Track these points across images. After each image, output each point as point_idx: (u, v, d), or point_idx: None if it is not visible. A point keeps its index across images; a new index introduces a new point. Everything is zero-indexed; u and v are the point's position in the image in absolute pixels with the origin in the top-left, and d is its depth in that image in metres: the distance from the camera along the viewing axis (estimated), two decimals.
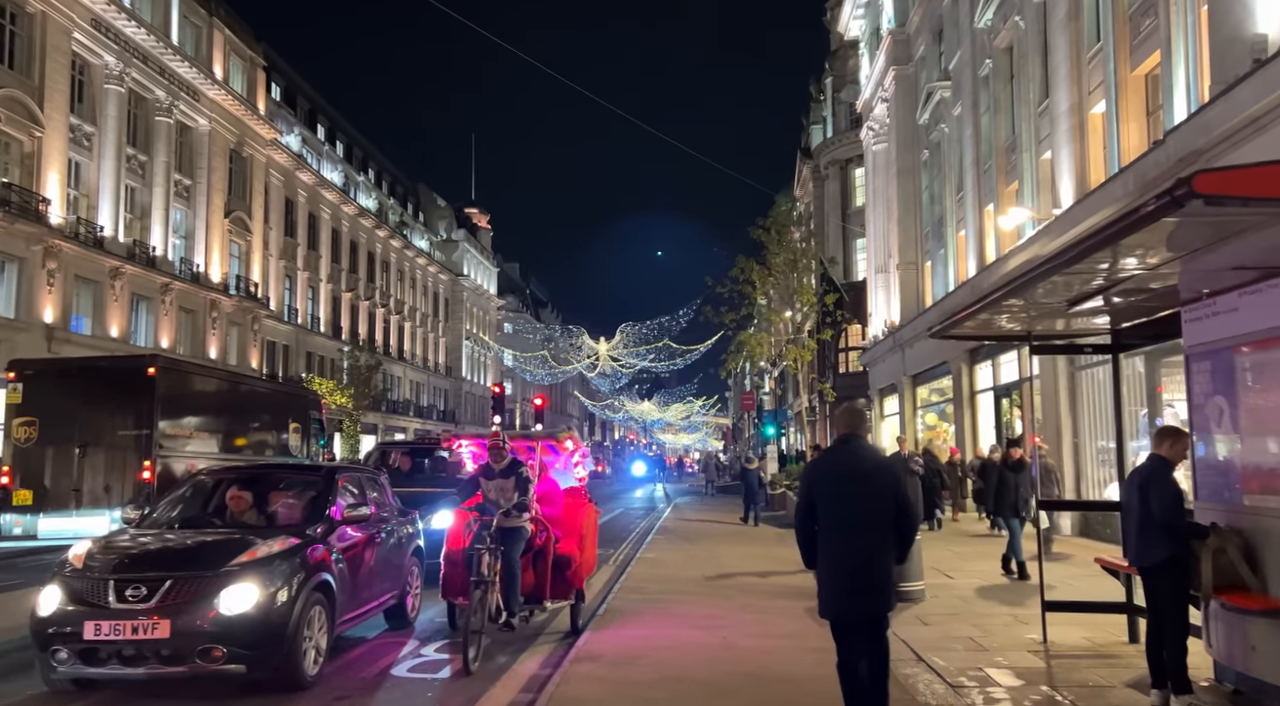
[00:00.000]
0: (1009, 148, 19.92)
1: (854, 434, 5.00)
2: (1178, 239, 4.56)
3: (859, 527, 4.70)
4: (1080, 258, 4.75)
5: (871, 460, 4.98)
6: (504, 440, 7.49)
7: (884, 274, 31.07)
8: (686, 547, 14.75)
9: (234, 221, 36.69)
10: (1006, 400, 19.93)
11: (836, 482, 4.84)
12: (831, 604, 4.79)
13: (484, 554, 6.79)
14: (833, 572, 4.76)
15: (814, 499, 4.88)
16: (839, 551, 4.74)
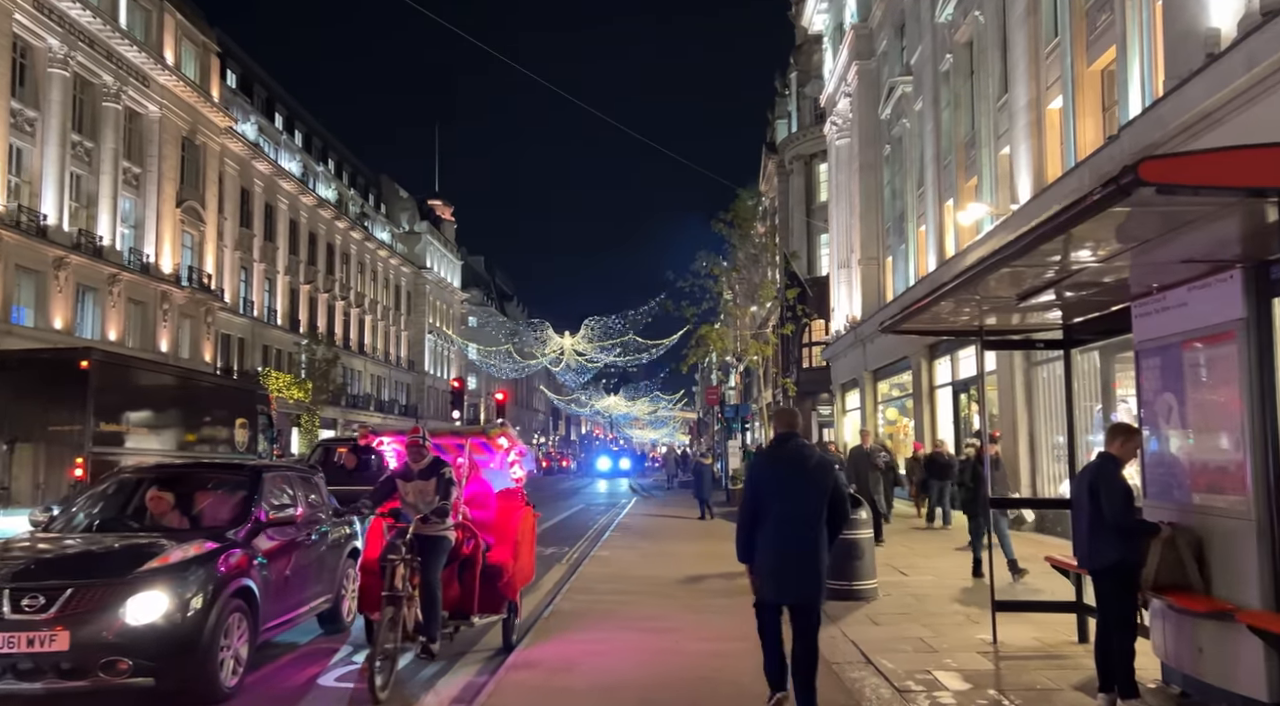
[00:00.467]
0: (969, 143, 19.92)
1: (793, 432, 5.32)
2: (1127, 230, 4.40)
3: (799, 521, 5.01)
4: (1029, 249, 4.58)
5: (812, 457, 5.24)
6: (424, 437, 6.61)
7: (846, 269, 31.09)
8: (642, 545, 14.53)
9: (186, 211, 35.76)
10: (965, 395, 19.97)
11: (779, 478, 5.13)
12: (771, 591, 5.08)
13: (397, 565, 5.93)
14: (773, 562, 5.03)
15: (759, 494, 5.16)
16: (780, 542, 5.01)
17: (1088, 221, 4.01)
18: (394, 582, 5.88)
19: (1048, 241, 4.40)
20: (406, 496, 6.52)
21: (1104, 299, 6.26)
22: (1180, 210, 3.98)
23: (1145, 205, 3.80)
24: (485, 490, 7.53)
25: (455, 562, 6.65)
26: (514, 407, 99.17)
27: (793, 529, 5.00)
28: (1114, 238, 4.60)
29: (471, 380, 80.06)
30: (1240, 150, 3.81)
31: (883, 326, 7.42)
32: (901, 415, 26.94)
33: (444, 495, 6.33)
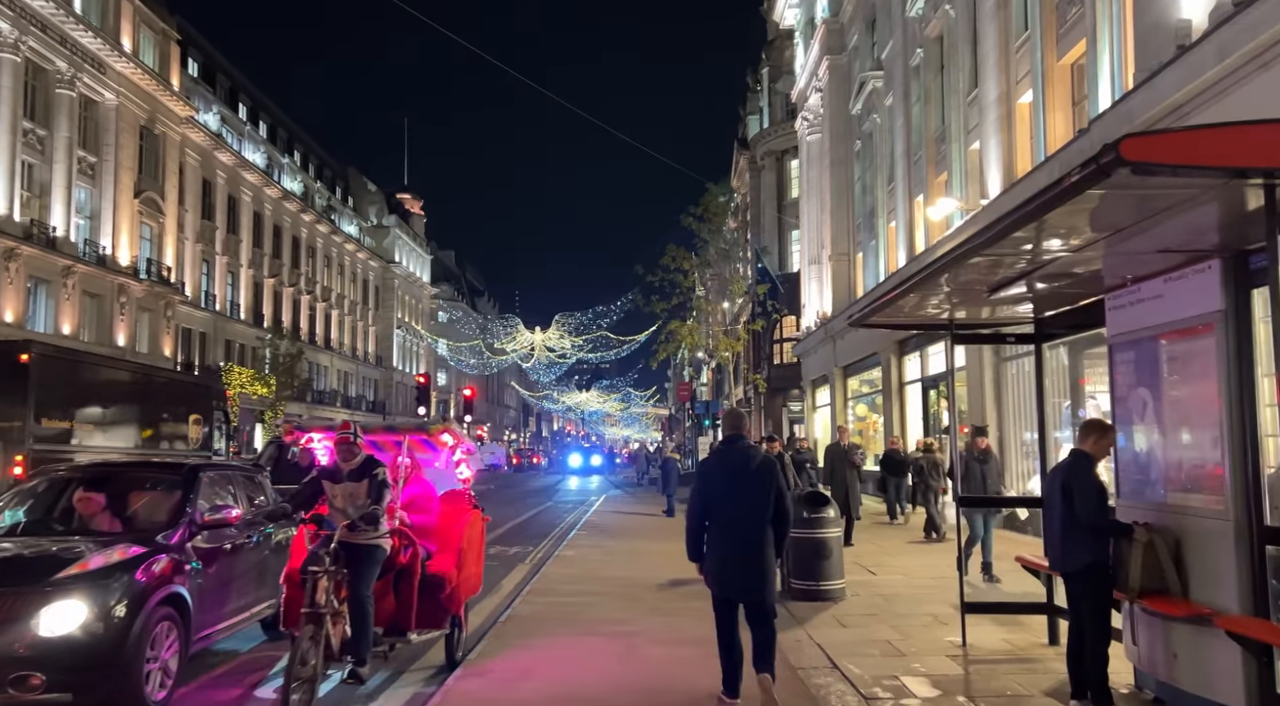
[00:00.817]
0: (939, 138, 19.83)
1: (739, 435, 5.52)
2: (1104, 217, 4.19)
3: (745, 522, 5.20)
4: (1003, 236, 4.35)
5: (756, 459, 5.38)
6: (356, 433, 5.88)
7: (817, 265, 31.00)
8: (608, 544, 14.25)
9: (145, 202, 34.86)
10: (934, 391, 19.90)
11: (726, 479, 5.31)
12: (719, 587, 5.28)
13: (320, 578, 5.23)
14: (721, 560, 5.24)
15: (706, 496, 5.35)
16: (728, 541, 5.22)
17: (1065, 206, 3.78)
18: (315, 597, 5.20)
19: (1022, 228, 4.18)
20: (334, 500, 5.81)
21: (1077, 291, 6.07)
22: (1159, 194, 3.76)
23: (1124, 188, 3.58)
24: (427, 492, 6.80)
25: (391, 573, 5.96)
26: (485, 404, 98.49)
27: (739, 530, 5.20)
28: (1089, 226, 4.39)
29: (441, 376, 79.36)
30: (1225, 128, 3.60)
31: (851, 320, 7.19)
32: (871, 411, 26.89)
33: (376, 498, 5.62)
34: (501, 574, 11.43)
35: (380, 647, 5.87)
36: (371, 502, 5.62)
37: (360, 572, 5.55)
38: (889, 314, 7.05)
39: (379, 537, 5.73)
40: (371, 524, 5.56)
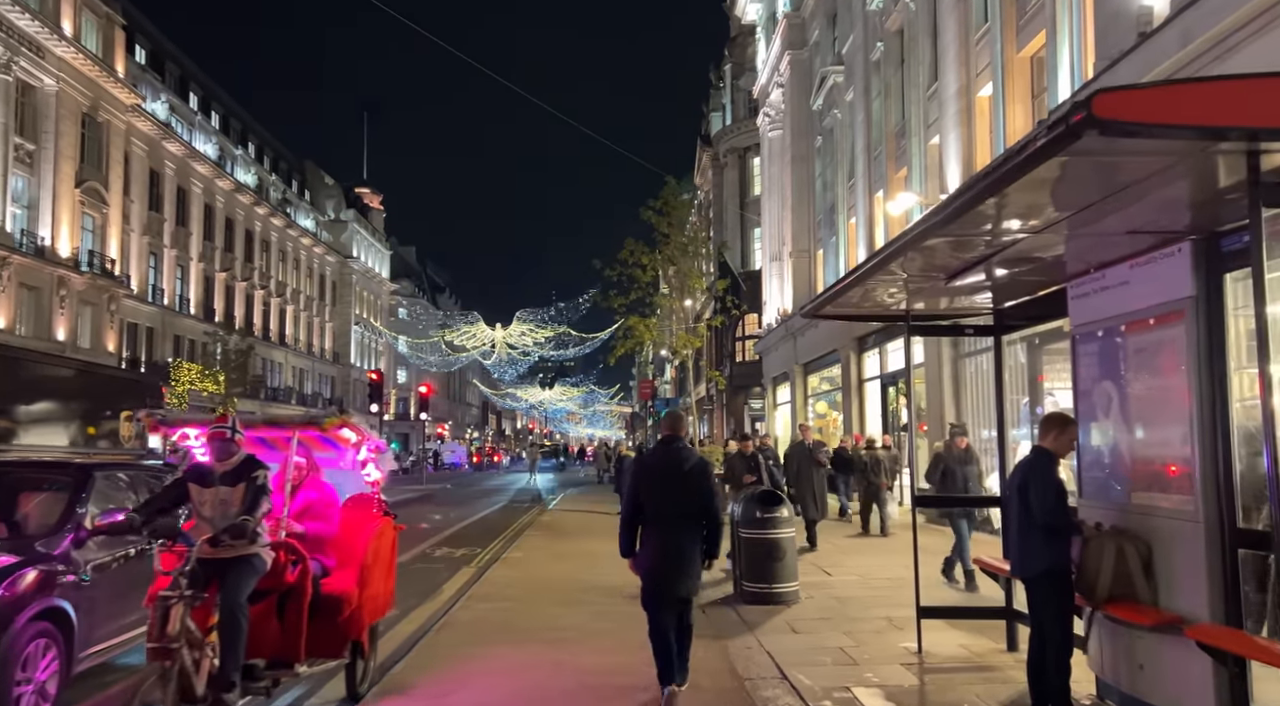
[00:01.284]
0: (899, 133, 19.64)
1: (676, 436, 5.65)
2: (1067, 192, 3.84)
3: (677, 519, 5.38)
4: (962, 212, 3.99)
5: (690, 460, 5.51)
6: (234, 427, 4.99)
7: (778, 262, 30.76)
8: (559, 544, 13.80)
9: (87, 192, 33.61)
10: (893, 388, 19.72)
11: (661, 479, 5.47)
12: (652, 584, 5.40)
13: (172, 605, 4.31)
14: (653, 557, 5.39)
15: (639, 495, 5.50)
16: (660, 539, 5.38)
17: (1030, 174, 3.41)
18: (165, 628, 4.28)
19: (983, 202, 3.81)
20: (202, 508, 4.88)
21: (1038, 279, 5.75)
22: (1130, 162, 3.41)
23: (1093, 154, 3.22)
24: (326, 498, 5.71)
25: (274, 594, 5.02)
26: (446, 402, 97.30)
27: (670, 528, 5.37)
28: (1053, 203, 4.04)
29: (401, 374, 78.17)
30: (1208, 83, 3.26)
31: (804, 310, 6.83)
32: (831, 408, 26.71)
33: (250, 507, 4.71)
34: (445, 577, 10.92)
35: (261, 683, 4.90)
36: (244, 512, 4.70)
37: (231, 582, 4.67)
38: (842, 304, 6.70)
39: (255, 549, 4.82)
40: (239, 537, 4.62)
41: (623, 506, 5.71)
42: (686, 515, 5.38)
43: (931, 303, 6.63)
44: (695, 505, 5.38)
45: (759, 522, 8.73)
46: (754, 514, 8.78)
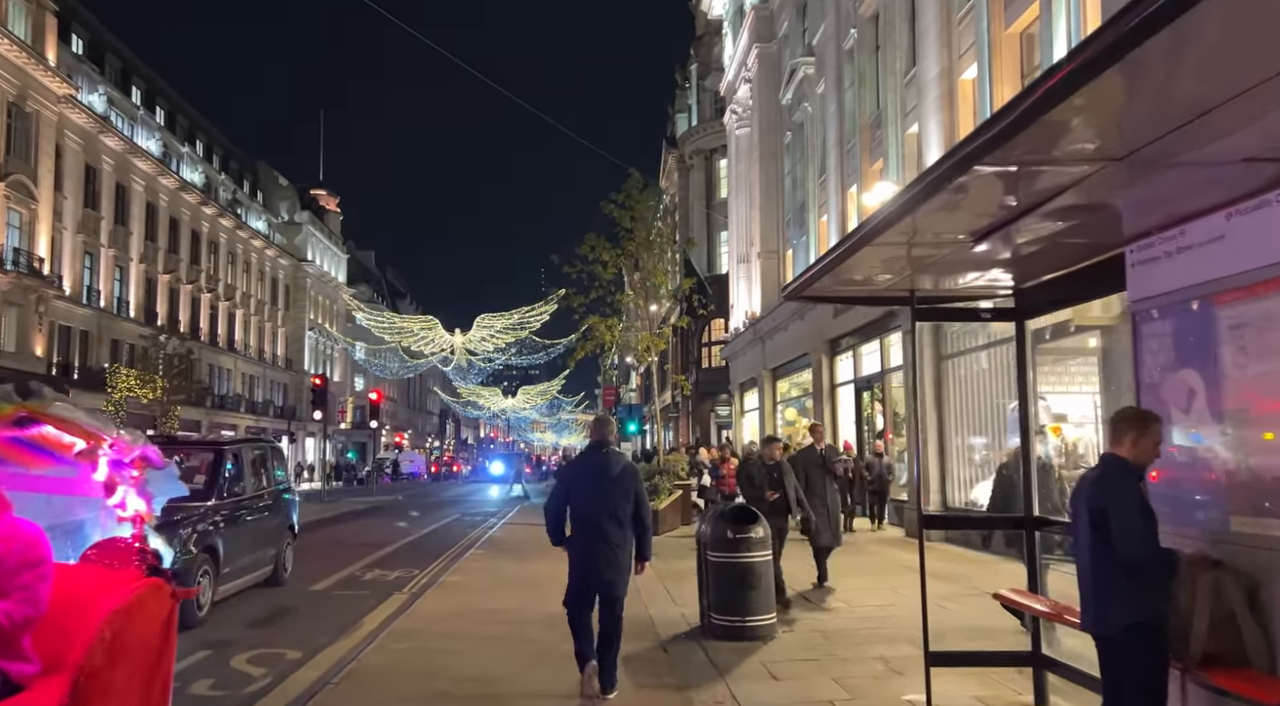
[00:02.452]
0: (874, 123, 18.63)
1: (603, 441, 5.88)
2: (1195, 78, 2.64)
3: (604, 520, 5.57)
4: (1031, 117, 2.76)
5: (617, 465, 5.76)
6: None
7: (746, 264, 29.71)
8: (505, 564, 12.42)
9: (13, 186, 31.53)
10: (868, 393, 18.65)
11: (588, 482, 5.69)
12: (578, 578, 5.68)
13: None
14: (580, 555, 5.65)
15: (571, 493, 5.75)
16: (587, 538, 5.60)
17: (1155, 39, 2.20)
18: None
19: (1069, 95, 2.57)
20: None
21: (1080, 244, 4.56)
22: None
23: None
24: (12, 549, 3.29)
25: None
26: (406, 410, 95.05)
27: (598, 530, 5.57)
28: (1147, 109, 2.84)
29: (359, 381, 75.94)
30: None
31: (788, 290, 5.59)
32: (801, 415, 25.63)
33: None
34: (370, 606, 9.52)
35: None
36: None
37: None
38: (835, 282, 5.47)
39: None
40: None
41: (547, 505, 5.84)
42: (614, 517, 5.57)
43: (942, 279, 5.43)
44: (623, 507, 5.60)
45: (729, 544, 7.48)
46: (724, 534, 7.53)
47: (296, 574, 11.27)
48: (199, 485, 9.08)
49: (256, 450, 10.57)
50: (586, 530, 5.60)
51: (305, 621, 8.86)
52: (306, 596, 10.24)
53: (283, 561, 10.74)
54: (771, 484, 8.72)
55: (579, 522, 5.66)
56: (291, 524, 11.25)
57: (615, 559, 5.60)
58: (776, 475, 8.78)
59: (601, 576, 5.58)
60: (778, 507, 8.47)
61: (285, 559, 10.85)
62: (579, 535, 5.65)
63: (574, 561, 5.68)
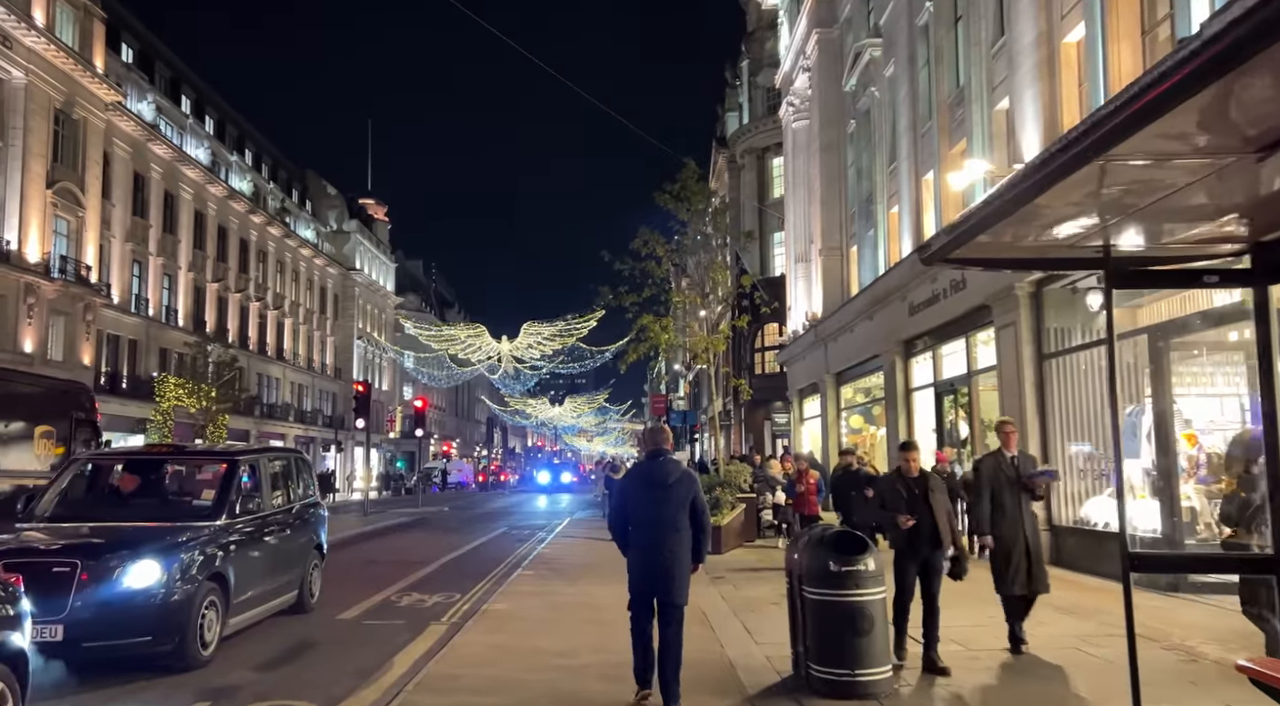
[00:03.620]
0: (954, 102, 17.04)
1: (660, 450, 5.97)
2: None
3: (661, 527, 5.67)
4: None
5: (675, 472, 5.84)
6: None
7: (804, 263, 28.17)
8: (557, 589, 11.11)
9: (60, 193, 31.33)
10: (950, 398, 17.00)
11: (645, 490, 5.79)
12: (637, 585, 5.75)
13: None
14: (640, 562, 5.74)
15: (629, 502, 5.88)
16: (645, 546, 5.71)
17: None
18: None
19: None
20: None
21: None
22: None
23: None
24: None
25: None
26: (454, 419, 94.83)
27: (658, 535, 5.65)
28: None
29: (407, 390, 75.70)
30: None
31: (928, 255, 4.17)
32: (867, 422, 23.99)
33: None
34: (402, 641, 8.29)
35: None
36: None
37: None
38: (998, 236, 4.05)
39: None
40: None
41: (610, 518, 6.07)
42: (671, 524, 5.64)
43: (1153, 230, 3.98)
44: (681, 515, 5.67)
45: (832, 579, 6.04)
46: (825, 566, 6.09)
47: (325, 599, 10.10)
48: (206, 502, 7.95)
49: (278, 461, 9.43)
50: (644, 538, 5.69)
51: (326, 660, 7.65)
52: (332, 627, 9.04)
53: (308, 586, 9.56)
54: (911, 505, 6.65)
55: (637, 530, 5.75)
56: (319, 543, 10.08)
57: (673, 565, 5.63)
58: (918, 493, 6.68)
59: (660, 583, 5.63)
60: (921, 537, 6.55)
61: (311, 583, 9.68)
62: (637, 543, 5.75)
63: (632, 568, 5.77)
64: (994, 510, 6.74)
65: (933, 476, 6.84)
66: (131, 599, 6.58)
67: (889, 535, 6.84)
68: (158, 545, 6.88)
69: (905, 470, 6.83)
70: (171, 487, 8.72)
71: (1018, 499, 6.90)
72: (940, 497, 6.68)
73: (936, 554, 6.65)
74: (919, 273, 17.06)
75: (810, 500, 12.42)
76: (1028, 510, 6.98)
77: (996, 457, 7.13)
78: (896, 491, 6.77)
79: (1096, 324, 12.25)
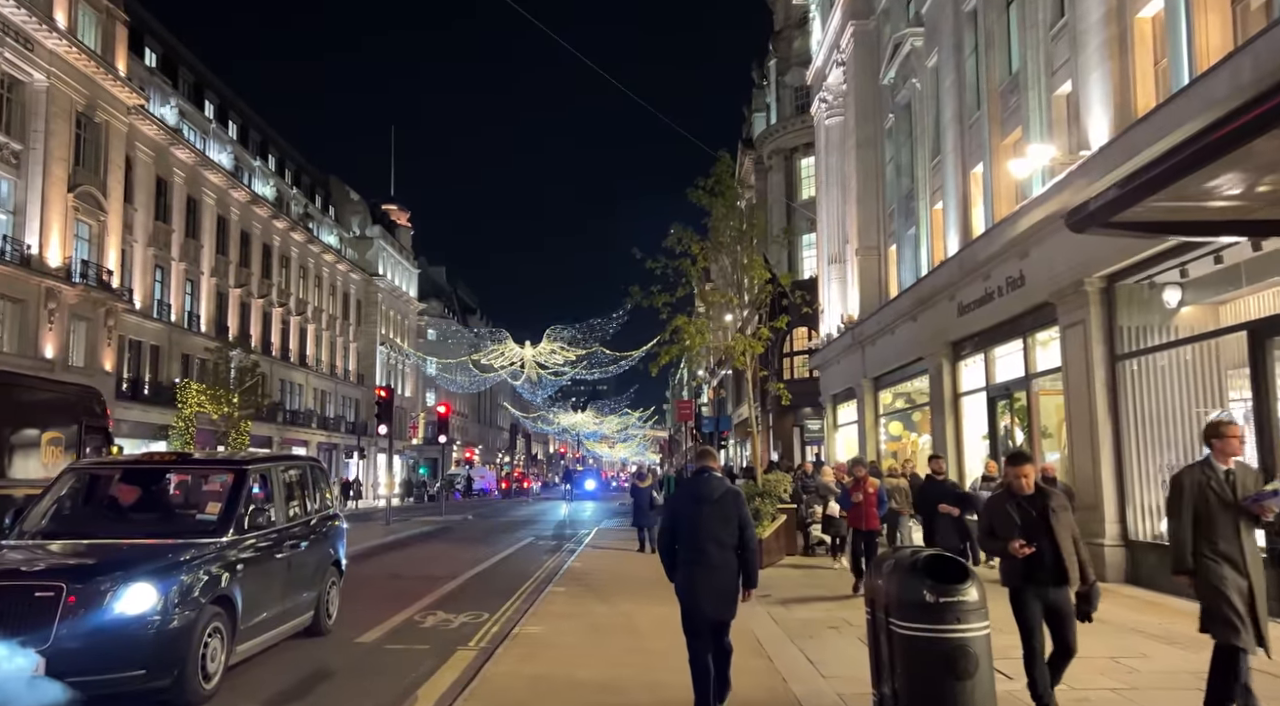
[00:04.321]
0: (1007, 90, 16.09)
1: (706, 467, 5.91)
2: None
3: (708, 542, 5.62)
4: None
5: (720, 489, 5.77)
6: None
7: (839, 264, 27.23)
8: (593, 607, 10.29)
9: (81, 197, 31.02)
10: (1004, 403, 16.01)
11: (690, 506, 5.75)
12: (687, 605, 5.67)
13: None
14: (688, 580, 5.66)
15: (676, 520, 5.83)
16: (693, 562, 5.65)
17: None
18: None
19: None
20: None
21: None
22: None
23: None
24: None
25: None
26: (477, 426, 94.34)
27: (703, 555, 5.61)
28: None
29: (430, 396, 75.29)
30: None
31: (1081, 217, 3.34)
32: (907, 429, 23.00)
33: None
34: (427, 669, 7.49)
35: None
36: None
37: None
38: (1177, 196, 3.19)
39: None
40: None
41: (659, 537, 5.97)
42: (716, 541, 5.61)
43: None
44: (726, 532, 5.62)
45: (927, 612, 5.12)
46: (918, 595, 5.18)
47: (343, 618, 9.33)
48: (211, 516, 7.19)
49: (292, 470, 8.68)
50: (689, 555, 5.69)
51: (342, 694, 6.87)
52: (350, 652, 8.27)
53: (325, 606, 8.80)
54: (1028, 530, 5.53)
55: (683, 547, 5.74)
56: (337, 559, 9.32)
57: (719, 582, 5.62)
58: (1036, 515, 5.57)
59: (707, 599, 5.63)
60: (1043, 569, 5.49)
61: (329, 602, 8.91)
62: (683, 559, 5.72)
63: (679, 587, 5.74)
64: (1200, 540, 5.25)
65: (1055, 495, 5.72)
66: (124, 627, 5.83)
67: (1001, 567, 5.90)
68: (155, 565, 6.13)
69: (1017, 488, 5.71)
70: (175, 500, 7.98)
71: (1234, 527, 5.24)
72: (1065, 518, 5.59)
73: (1063, 591, 5.55)
74: (969, 270, 16.13)
75: (869, 513, 11.12)
76: (1249, 538, 5.32)
77: (1204, 470, 5.39)
78: (1007, 514, 5.67)
79: (1176, 322, 11.30)
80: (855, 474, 11.77)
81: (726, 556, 5.60)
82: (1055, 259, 12.75)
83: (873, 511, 11.21)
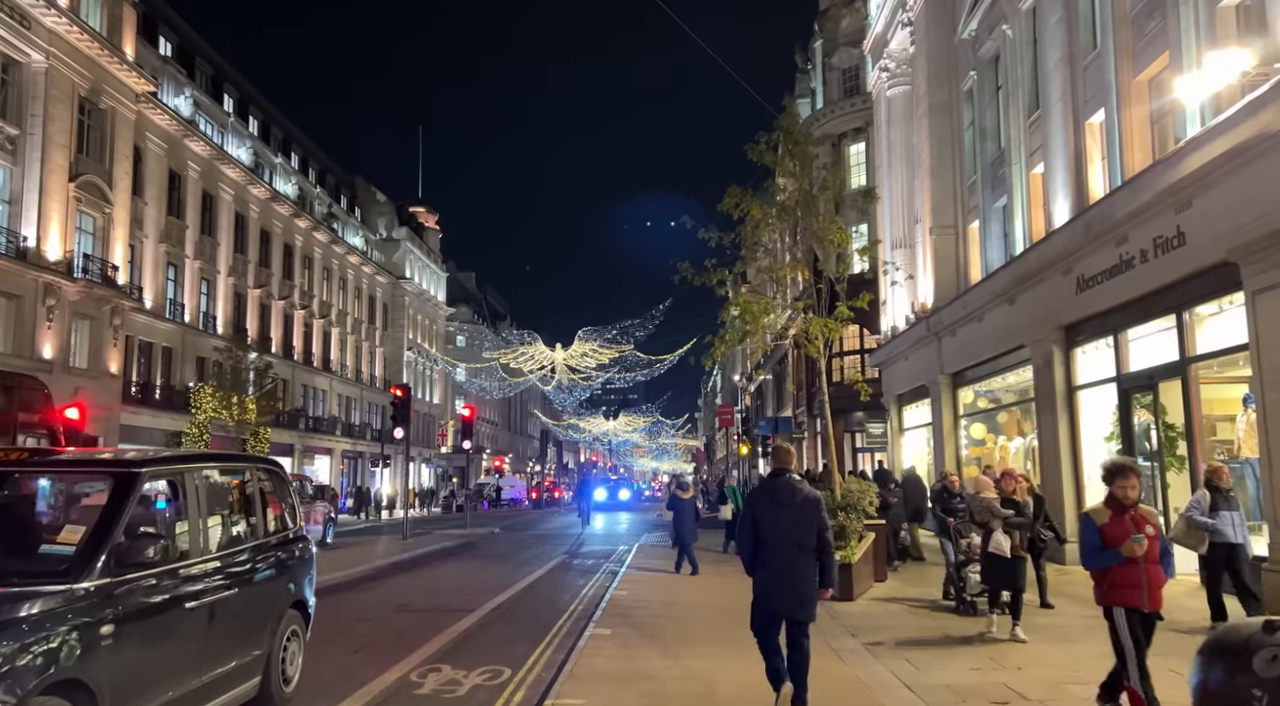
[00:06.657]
0: (1142, 12, 13.22)
1: (784, 469, 5.93)
2: None
3: (788, 545, 5.70)
4: None
5: (800, 492, 5.80)
6: None
7: (905, 248, 24.37)
8: (648, 660, 7.57)
9: (84, 187, 29.03)
10: (1139, 396, 13.10)
11: (770, 509, 5.80)
12: (763, 602, 5.80)
13: None
14: (766, 578, 5.79)
15: (756, 520, 5.85)
16: (772, 563, 5.75)
17: None
18: None
19: None
20: None
21: None
22: None
23: None
24: None
25: None
26: (507, 434, 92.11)
27: (785, 555, 5.71)
28: None
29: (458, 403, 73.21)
30: None
31: None
32: (991, 431, 20.07)
33: None
34: None
35: None
36: None
37: None
38: None
39: None
40: None
41: (739, 539, 6.11)
42: (798, 544, 5.67)
43: None
44: (806, 535, 5.69)
45: None
46: None
47: (309, 681, 6.74)
48: (66, 548, 4.62)
49: (228, 473, 6.11)
50: (770, 557, 5.73)
51: None
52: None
53: (278, 667, 6.20)
54: None
55: (764, 548, 5.75)
56: (300, 598, 6.72)
57: (800, 585, 5.67)
58: None
59: (787, 601, 5.67)
60: None
61: (284, 662, 6.31)
62: (764, 561, 5.75)
63: (758, 587, 5.82)
64: None
65: None
66: None
67: None
68: None
69: None
70: (17, 520, 5.35)
71: None
72: None
73: None
74: (1096, 235, 13.26)
75: (1154, 576, 5.63)
76: None
77: None
78: None
79: None
80: (1121, 494, 5.67)
81: (807, 560, 5.71)
82: (1236, 205, 9.90)
83: (1158, 571, 5.68)
